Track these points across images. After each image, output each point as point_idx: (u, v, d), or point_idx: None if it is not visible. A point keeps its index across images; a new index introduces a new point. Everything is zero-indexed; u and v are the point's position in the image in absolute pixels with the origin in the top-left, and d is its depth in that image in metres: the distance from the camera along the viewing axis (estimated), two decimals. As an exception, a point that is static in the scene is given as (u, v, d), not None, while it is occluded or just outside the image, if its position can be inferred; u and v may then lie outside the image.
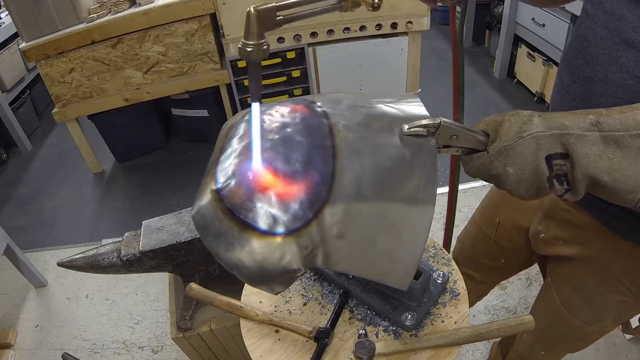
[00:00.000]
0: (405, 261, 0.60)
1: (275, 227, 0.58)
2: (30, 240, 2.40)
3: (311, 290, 0.94)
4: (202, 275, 1.26)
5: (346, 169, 0.60)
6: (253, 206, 0.59)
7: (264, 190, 0.60)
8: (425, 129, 0.57)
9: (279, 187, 0.60)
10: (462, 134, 0.57)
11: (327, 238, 0.59)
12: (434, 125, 0.56)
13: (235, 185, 0.61)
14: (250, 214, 0.59)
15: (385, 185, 0.60)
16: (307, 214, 0.58)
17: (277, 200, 0.59)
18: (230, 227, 0.59)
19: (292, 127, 0.65)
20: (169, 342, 1.77)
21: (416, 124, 0.57)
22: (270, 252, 0.58)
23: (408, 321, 0.82)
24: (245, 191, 0.60)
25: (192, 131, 2.94)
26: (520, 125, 0.53)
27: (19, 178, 2.94)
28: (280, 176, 0.61)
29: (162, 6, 2.32)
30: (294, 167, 0.61)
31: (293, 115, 0.67)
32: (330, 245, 0.59)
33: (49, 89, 2.48)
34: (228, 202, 0.60)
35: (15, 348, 1.86)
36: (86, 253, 1.20)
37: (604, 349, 1.62)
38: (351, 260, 0.61)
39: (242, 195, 0.60)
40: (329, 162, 0.61)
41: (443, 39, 3.99)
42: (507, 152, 0.53)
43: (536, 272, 1.89)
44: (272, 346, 0.84)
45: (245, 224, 0.59)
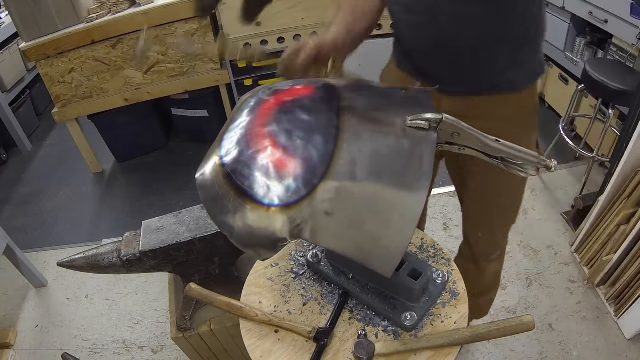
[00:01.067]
0: (391, 248, 0.60)
1: (269, 197, 0.61)
2: (30, 240, 2.40)
3: (311, 291, 0.94)
4: (202, 275, 1.26)
5: (345, 151, 0.62)
6: (251, 174, 0.62)
7: (263, 160, 0.63)
8: (428, 122, 0.59)
9: (278, 159, 0.62)
10: (464, 133, 0.60)
11: (317, 214, 0.60)
12: (436, 120, 0.59)
13: (237, 153, 0.64)
14: (247, 181, 0.62)
15: (380, 170, 0.62)
16: (302, 190, 0.60)
17: (274, 172, 0.62)
18: (228, 191, 0.62)
19: (302, 105, 0.68)
20: (169, 342, 1.77)
21: (420, 117, 0.60)
22: (260, 221, 0.61)
23: (408, 321, 0.82)
24: (246, 160, 0.63)
25: (192, 131, 2.94)
26: None
27: (19, 178, 2.94)
28: (281, 149, 0.63)
29: (162, 6, 2.32)
30: (294, 142, 0.64)
31: (306, 93, 0.70)
32: (319, 222, 0.61)
33: (49, 89, 2.48)
34: (229, 168, 0.63)
35: (15, 348, 1.86)
36: (86, 253, 1.20)
37: (604, 349, 1.62)
38: (338, 238, 0.62)
39: (242, 163, 0.63)
40: (329, 142, 0.63)
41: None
42: None
43: (536, 272, 1.89)
44: (271, 346, 0.84)
45: (242, 190, 0.62)
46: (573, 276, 1.87)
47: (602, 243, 1.74)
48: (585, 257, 1.86)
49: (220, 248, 1.20)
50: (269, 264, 1.02)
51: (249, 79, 2.61)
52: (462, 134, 0.60)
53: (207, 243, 1.17)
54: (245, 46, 0.77)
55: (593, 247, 1.80)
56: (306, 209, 0.60)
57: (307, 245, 1.04)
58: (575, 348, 1.63)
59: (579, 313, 1.74)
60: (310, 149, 0.63)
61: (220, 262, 1.25)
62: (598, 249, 1.77)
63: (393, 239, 0.60)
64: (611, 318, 1.70)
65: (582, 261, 1.89)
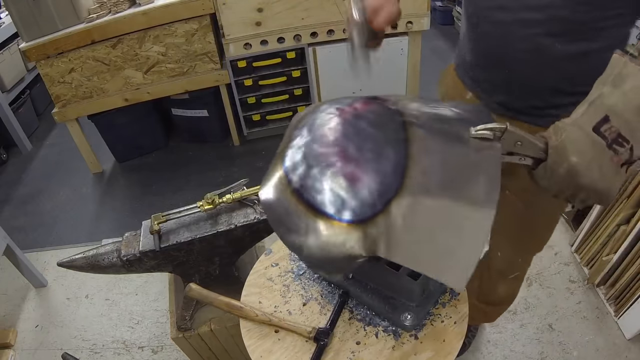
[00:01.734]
0: (463, 261, 0.58)
1: (343, 211, 0.59)
2: (30, 240, 2.40)
3: (310, 290, 0.94)
4: (202, 275, 1.26)
5: (416, 163, 0.61)
6: (322, 188, 0.60)
7: (335, 174, 0.61)
8: (492, 132, 0.58)
9: (350, 172, 0.61)
10: (526, 141, 0.59)
11: (393, 229, 0.59)
12: (500, 129, 0.58)
13: (304, 168, 0.62)
14: (318, 196, 0.60)
15: (451, 183, 0.61)
16: (377, 205, 0.59)
17: (347, 186, 0.60)
18: (297, 208, 0.60)
19: (366, 120, 0.67)
20: (169, 342, 1.77)
21: (484, 127, 0.59)
22: (335, 237, 0.59)
23: (407, 321, 0.82)
24: (315, 174, 0.61)
25: (192, 131, 2.94)
26: (556, 127, 0.59)
27: (19, 178, 2.94)
28: (352, 163, 0.61)
29: (162, 6, 2.32)
30: (365, 155, 0.62)
31: (367, 109, 0.69)
32: (395, 236, 0.59)
33: (49, 89, 2.48)
34: (296, 184, 0.62)
35: (15, 348, 1.86)
36: (86, 253, 1.20)
37: (604, 349, 1.62)
38: (412, 253, 0.60)
39: (312, 178, 0.61)
40: (401, 154, 0.61)
41: (443, 39, 3.98)
42: (562, 145, 0.57)
43: (536, 272, 1.89)
44: (271, 346, 0.84)
45: (313, 206, 0.60)
46: (573, 276, 1.87)
47: (602, 243, 1.74)
48: (585, 257, 1.86)
49: (220, 248, 1.20)
50: (270, 263, 1.02)
51: (249, 79, 2.61)
52: (524, 142, 0.59)
53: (207, 243, 1.17)
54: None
55: (593, 247, 1.80)
56: (382, 223, 0.59)
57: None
58: (575, 348, 1.63)
59: (579, 313, 1.74)
60: (382, 161, 0.61)
61: (220, 262, 1.25)
62: (598, 249, 1.77)
63: (465, 252, 0.58)
64: (611, 318, 1.70)
65: (582, 261, 1.89)
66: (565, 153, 0.57)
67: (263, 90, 2.68)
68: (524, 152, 0.60)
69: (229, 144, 2.95)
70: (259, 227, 1.18)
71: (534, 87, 0.85)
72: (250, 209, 1.20)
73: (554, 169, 0.58)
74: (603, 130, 0.56)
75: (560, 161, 0.57)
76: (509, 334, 1.70)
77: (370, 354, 0.82)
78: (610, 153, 0.56)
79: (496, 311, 1.46)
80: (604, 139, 0.56)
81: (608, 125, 0.56)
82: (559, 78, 0.82)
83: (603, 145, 0.56)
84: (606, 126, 0.56)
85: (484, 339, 1.69)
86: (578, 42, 0.76)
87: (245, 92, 2.67)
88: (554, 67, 0.80)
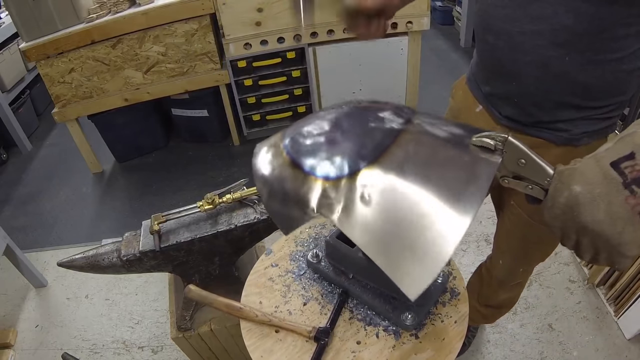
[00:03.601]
0: (424, 264, 0.52)
1: (312, 167, 0.63)
2: (30, 240, 2.40)
3: (311, 290, 0.94)
4: (202, 276, 1.26)
5: (400, 148, 0.61)
6: (303, 145, 0.66)
7: (319, 137, 0.66)
8: (493, 141, 0.55)
9: (332, 138, 0.66)
10: (530, 160, 0.53)
11: (352, 197, 0.57)
12: (501, 138, 0.54)
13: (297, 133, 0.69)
14: (298, 150, 0.66)
15: (431, 173, 0.57)
16: (344, 169, 0.60)
17: (324, 147, 0.64)
18: (281, 159, 0.67)
19: (374, 112, 0.70)
20: (169, 342, 1.77)
21: (484, 134, 0.56)
22: (295, 181, 0.63)
23: (408, 321, 0.82)
24: (303, 134, 0.68)
25: (192, 131, 2.94)
26: (579, 158, 0.52)
27: (19, 178, 2.94)
28: (338, 132, 0.66)
29: (162, 6, 2.32)
30: (354, 130, 0.66)
31: (382, 107, 0.71)
32: (352, 207, 0.57)
33: (49, 89, 2.48)
34: (287, 144, 0.68)
35: (15, 348, 1.86)
36: (86, 253, 1.20)
37: (604, 349, 1.62)
38: (365, 231, 0.55)
39: (300, 135, 0.68)
40: (388, 138, 0.62)
41: (443, 39, 3.98)
42: (568, 172, 0.51)
43: (536, 273, 1.89)
44: (272, 346, 0.84)
45: (291, 157, 0.65)
46: (573, 276, 1.87)
47: (602, 243, 1.74)
48: (585, 257, 1.86)
49: (220, 248, 1.20)
50: (270, 263, 1.02)
51: (249, 79, 2.61)
52: (528, 162, 0.53)
53: (206, 243, 1.17)
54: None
55: (593, 247, 1.80)
56: (343, 188, 0.58)
57: (307, 245, 1.04)
58: (575, 348, 1.63)
59: (579, 313, 1.74)
60: (367, 138, 0.63)
61: (220, 262, 1.25)
62: (598, 249, 1.77)
63: (429, 254, 0.52)
64: (611, 318, 1.70)
65: (582, 261, 1.89)
66: (569, 180, 0.50)
67: (263, 90, 2.68)
68: (529, 175, 0.54)
69: (229, 144, 2.95)
70: (259, 227, 1.18)
71: (541, 101, 0.84)
72: (250, 209, 1.20)
73: (554, 197, 0.51)
74: (623, 166, 0.47)
75: (562, 188, 0.50)
76: (509, 334, 1.70)
77: (370, 353, 0.82)
78: (626, 193, 0.47)
79: (496, 314, 1.46)
80: (622, 176, 0.47)
81: (632, 162, 0.47)
82: (568, 92, 0.80)
83: (618, 183, 0.47)
84: (629, 163, 0.47)
85: (484, 339, 1.69)
86: (586, 53, 0.74)
87: (245, 92, 2.67)
88: (563, 80, 0.78)
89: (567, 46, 0.74)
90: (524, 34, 0.77)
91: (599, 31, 0.72)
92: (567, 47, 0.75)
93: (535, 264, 1.22)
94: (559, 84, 0.79)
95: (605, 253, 0.50)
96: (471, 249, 2.03)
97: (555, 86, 0.80)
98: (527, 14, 0.76)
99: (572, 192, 0.49)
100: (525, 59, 0.80)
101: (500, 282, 1.27)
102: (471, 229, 2.10)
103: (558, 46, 0.75)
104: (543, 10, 0.73)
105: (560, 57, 0.76)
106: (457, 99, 1.09)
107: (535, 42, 0.77)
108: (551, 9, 0.72)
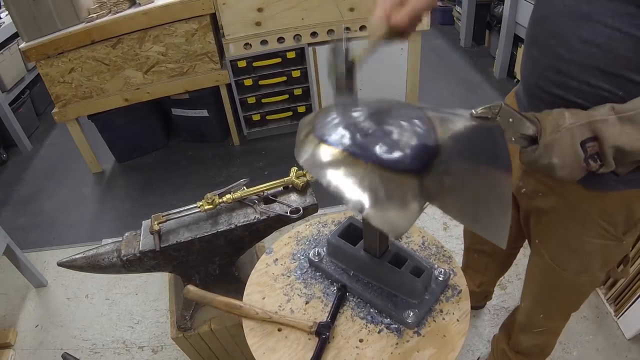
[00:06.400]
0: (498, 216, 0.63)
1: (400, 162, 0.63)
2: (30, 240, 2.40)
3: (313, 289, 0.94)
4: (202, 276, 1.26)
5: (440, 129, 0.66)
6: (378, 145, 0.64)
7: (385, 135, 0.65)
8: (490, 110, 0.65)
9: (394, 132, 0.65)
10: (517, 118, 0.66)
11: (442, 184, 0.63)
12: (497, 106, 0.65)
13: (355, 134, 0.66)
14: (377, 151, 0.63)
15: (471, 145, 0.66)
16: (424, 159, 0.63)
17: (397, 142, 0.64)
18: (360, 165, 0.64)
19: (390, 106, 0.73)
20: (169, 342, 1.77)
21: (483, 107, 0.66)
22: (393, 187, 0.62)
23: (410, 319, 0.82)
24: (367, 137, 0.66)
25: (192, 131, 2.94)
26: (556, 120, 0.66)
27: (19, 178, 2.93)
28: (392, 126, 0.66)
29: (162, 6, 2.32)
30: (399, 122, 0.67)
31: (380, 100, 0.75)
32: (443, 192, 0.63)
33: (49, 89, 2.48)
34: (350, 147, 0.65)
35: (15, 348, 1.86)
36: (86, 253, 1.20)
37: (604, 349, 1.62)
38: (459, 207, 0.64)
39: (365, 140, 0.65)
40: (427, 123, 0.67)
41: (443, 39, 3.99)
42: (551, 146, 0.65)
43: (536, 272, 1.88)
44: (275, 344, 0.84)
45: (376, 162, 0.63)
46: (573, 276, 1.87)
47: (602, 242, 1.74)
48: (586, 257, 1.86)
49: (220, 248, 1.20)
50: (271, 262, 1.02)
51: (249, 79, 2.61)
52: (515, 120, 0.66)
53: (206, 243, 1.17)
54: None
55: (593, 246, 1.80)
56: (434, 172, 0.62)
57: (308, 244, 1.04)
58: (575, 348, 1.63)
59: (579, 313, 1.73)
60: (415, 127, 0.66)
61: (220, 262, 1.25)
62: (598, 248, 1.77)
63: (498, 210, 0.63)
64: (611, 318, 1.70)
65: (582, 261, 1.89)
66: (550, 153, 0.66)
67: (263, 90, 2.68)
68: (514, 129, 0.67)
69: (229, 144, 2.95)
70: (259, 227, 1.18)
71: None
72: (250, 209, 1.20)
73: (537, 160, 0.67)
74: (588, 146, 0.65)
75: (545, 157, 0.66)
76: (510, 334, 1.69)
77: (373, 351, 0.82)
78: (583, 165, 0.66)
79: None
80: (585, 153, 0.65)
81: (593, 143, 0.64)
82: None
83: (581, 158, 0.65)
84: (591, 144, 0.65)
85: (484, 339, 1.69)
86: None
87: (245, 92, 2.67)
88: None
89: (621, 79, 0.67)
90: (570, 52, 0.71)
91: None
92: (621, 81, 0.68)
93: (557, 314, 1.16)
94: None
95: (555, 179, 0.69)
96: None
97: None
98: (577, 31, 0.69)
99: (552, 162, 0.66)
100: (569, 83, 0.74)
101: (522, 326, 1.24)
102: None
103: (611, 77, 0.68)
104: (598, 32, 0.67)
105: (613, 90, 0.69)
106: None
107: (580, 60, 0.70)
108: (608, 31, 0.66)
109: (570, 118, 0.65)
